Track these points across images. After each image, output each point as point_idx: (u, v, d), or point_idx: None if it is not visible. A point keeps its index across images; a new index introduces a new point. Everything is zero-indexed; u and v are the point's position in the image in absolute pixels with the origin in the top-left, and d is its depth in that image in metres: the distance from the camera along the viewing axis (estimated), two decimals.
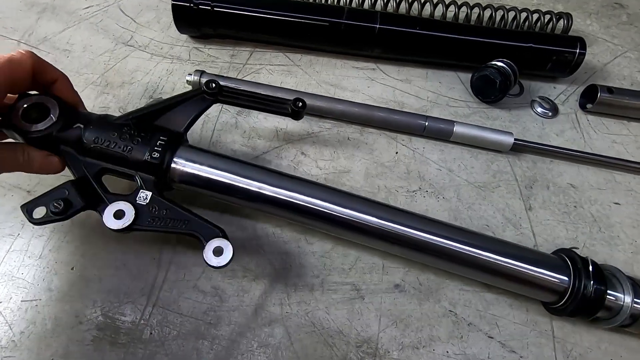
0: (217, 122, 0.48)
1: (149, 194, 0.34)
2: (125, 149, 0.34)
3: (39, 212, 0.32)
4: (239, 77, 0.52)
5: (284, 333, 0.37)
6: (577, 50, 0.52)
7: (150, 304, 0.37)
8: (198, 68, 0.51)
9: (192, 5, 0.50)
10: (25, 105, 0.33)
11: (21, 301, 0.36)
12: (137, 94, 0.50)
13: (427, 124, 0.48)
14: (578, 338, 0.38)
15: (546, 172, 0.49)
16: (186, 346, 0.36)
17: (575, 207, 0.46)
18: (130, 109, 0.48)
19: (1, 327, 0.35)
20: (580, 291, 0.35)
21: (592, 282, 0.35)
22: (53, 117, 0.34)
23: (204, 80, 0.48)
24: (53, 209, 0.31)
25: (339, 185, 0.45)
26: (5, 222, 0.40)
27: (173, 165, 0.36)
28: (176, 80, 0.51)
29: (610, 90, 0.51)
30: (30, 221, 0.31)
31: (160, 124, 0.38)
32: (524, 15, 0.57)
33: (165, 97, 0.50)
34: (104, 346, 0.35)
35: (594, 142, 0.52)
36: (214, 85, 0.38)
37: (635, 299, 0.35)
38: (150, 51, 0.54)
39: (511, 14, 0.57)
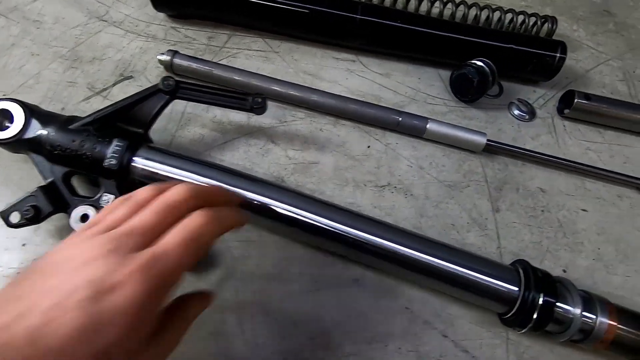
0: (188, 104, 0.47)
1: (112, 197, 0.36)
2: (85, 155, 0.36)
3: (14, 217, 0.35)
4: (214, 60, 0.51)
5: (236, 321, 0.36)
6: (558, 54, 0.51)
7: None
8: (172, 48, 0.50)
9: None
10: None
11: None
12: (107, 71, 0.48)
13: (400, 119, 0.47)
14: (532, 342, 0.38)
15: (517, 175, 0.48)
16: None
17: (542, 211, 0.46)
18: (99, 86, 0.47)
19: None
20: (528, 302, 0.34)
21: (542, 294, 0.34)
22: (18, 124, 0.36)
23: (177, 60, 0.47)
24: (25, 215, 0.34)
25: (307, 176, 0.45)
26: None
27: (133, 165, 0.37)
28: (149, 59, 0.50)
29: (587, 96, 0.51)
30: (7, 225, 0.34)
31: (122, 124, 0.38)
32: (509, 16, 0.56)
33: (135, 75, 0.49)
34: None
35: (569, 148, 0.52)
36: (170, 82, 0.37)
37: (584, 313, 0.34)
38: (125, 28, 0.52)
39: (496, 14, 0.56)
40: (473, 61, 0.50)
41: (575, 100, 0.51)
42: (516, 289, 0.35)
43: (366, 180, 0.45)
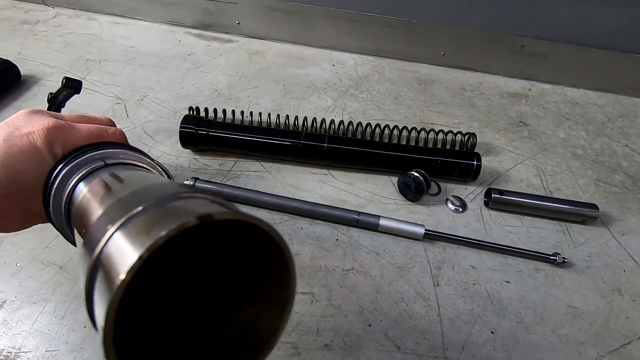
0: None
1: None
2: None
3: None
4: (223, 182, 0.70)
5: None
6: (475, 162, 0.70)
7: None
8: (194, 175, 0.70)
9: (193, 130, 0.70)
10: None
11: (45, 351, 0.49)
12: None
13: (359, 217, 0.64)
14: None
15: (453, 256, 0.63)
16: None
17: (473, 284, 0.60)
18: None
19: None
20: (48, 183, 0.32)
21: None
22: None
23: (198, 184, 0.66)
24: None
25: None
26: (41, 290, 0.55)
27: None
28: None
29: (501, 192, 0.68)
30: None
31: None
32: (440, 135, 0.77)
33: None
34: None
35: (493, 232, 0.66)
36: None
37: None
38: (161, 161, 0.73)
39: (431, 135, 0.76)
40: (412, 171, 0.68)
41: (492, 195, 0.67)
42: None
43: (335, 265, 0.60)
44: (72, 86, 0.66)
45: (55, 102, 0.67)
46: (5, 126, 0.32)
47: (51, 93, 0.67)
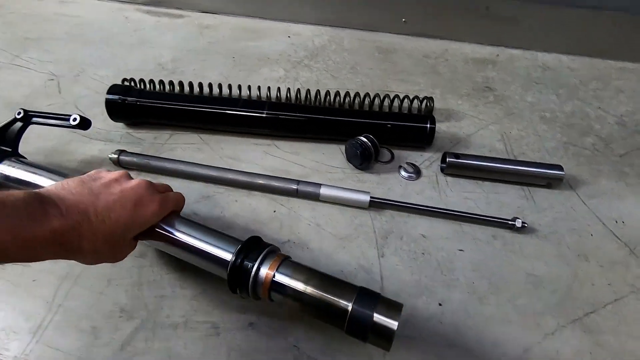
0: None
1: None
2: None
3: None
4: (156, 155, 0.64)
5: None
6: (428, 125, 0.64)
7: (34, 341, 0.44)
8: (125, 149, 0.64)
9: (120, 99, 0.64)
10: None
11: None
12: (73, 169, 0.62)
13: (298, 187, 0.58)
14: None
15: (402, 225, 0.57)
16: None
17: (423, 254, 0.54)
18: None
19: None
20: (235, 265, 0.41)
21: (243, 256, 0.41)
22: None
23: (123, 157, 0.61)
24: None
25: None
26: None
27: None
28: (105, 157, 0.63)
29: (457, 156, 0.62)
30: None
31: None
32: (396, 101, 0.71)
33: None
34: None
35: (449, 199, 0.61)
36: (21, 112, 0.57)
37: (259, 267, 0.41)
38: (92, 137, 0.67)
39: (386, 101, 0.70)
40: (360, 137, 0.63)
41: (447, 159, 0.62)
42: (230, 255, 0.42)
43: (270, 238, 0.54)
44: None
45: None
46: (132, 193, 0.41)
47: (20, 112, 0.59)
